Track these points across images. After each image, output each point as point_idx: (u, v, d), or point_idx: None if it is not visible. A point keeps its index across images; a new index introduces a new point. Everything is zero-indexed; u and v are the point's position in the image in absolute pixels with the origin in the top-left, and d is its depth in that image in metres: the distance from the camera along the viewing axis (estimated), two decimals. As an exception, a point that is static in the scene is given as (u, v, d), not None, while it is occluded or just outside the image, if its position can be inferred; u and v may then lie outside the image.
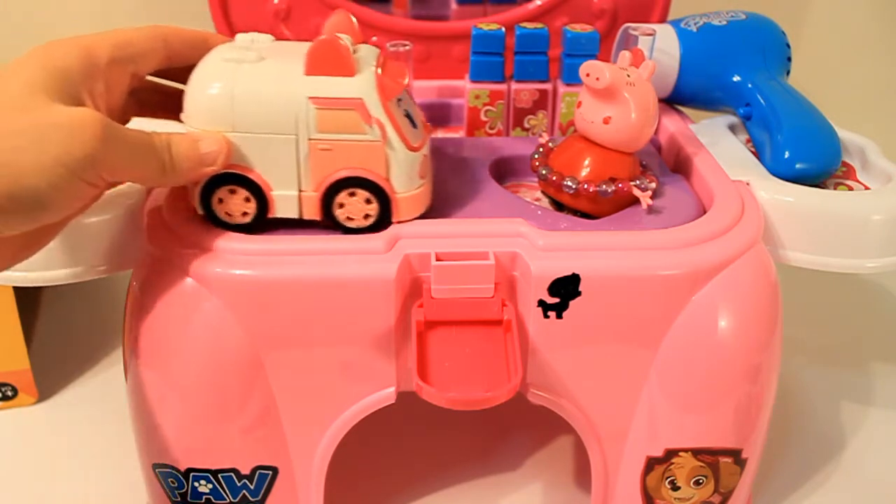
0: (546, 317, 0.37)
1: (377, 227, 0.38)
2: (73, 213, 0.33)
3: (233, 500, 0.40)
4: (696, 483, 0.41)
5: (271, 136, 0.36)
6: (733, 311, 0.38)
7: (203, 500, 0.40)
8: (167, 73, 0.39)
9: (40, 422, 0.53)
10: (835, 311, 0.65)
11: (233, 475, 0.39)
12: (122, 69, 0.36)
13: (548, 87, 0.50)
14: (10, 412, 0.53)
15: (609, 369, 0.38)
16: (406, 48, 0.43)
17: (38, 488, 0.48)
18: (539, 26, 0.49)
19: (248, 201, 0.37)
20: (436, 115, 0.53)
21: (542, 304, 0.37)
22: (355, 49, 0.38)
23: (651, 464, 0.40)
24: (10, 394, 0.53)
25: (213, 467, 0.39)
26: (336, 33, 0.37)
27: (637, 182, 0.40)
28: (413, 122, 0.38)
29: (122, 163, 0.32)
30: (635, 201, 0.41)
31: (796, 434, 0.52)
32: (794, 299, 0.44)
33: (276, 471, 0.40)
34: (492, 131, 0.50)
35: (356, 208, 0.37)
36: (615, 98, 0.39)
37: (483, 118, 0.50)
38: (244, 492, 0.40)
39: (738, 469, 0.41)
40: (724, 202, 0.40)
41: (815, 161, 0.44)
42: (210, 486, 0.39)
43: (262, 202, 0.37)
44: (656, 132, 0.49)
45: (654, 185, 0.41)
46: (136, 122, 0.39)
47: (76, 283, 0.40)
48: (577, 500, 0.47)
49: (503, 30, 0.49)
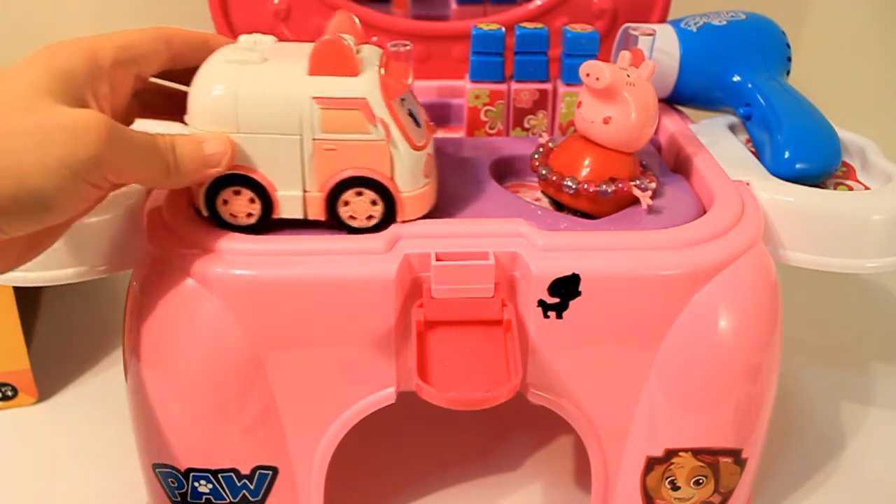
0: (546, 317, 0.37)
1: (382, 226, 0.38)
2: (77, 215, 0.33)
3: (233, 500, 0.40)
4: (696, 483, 0.41)
5: (275, 137, 0.36)
6: (733, 311, 0.38)
7: (203, 500, 0.40)
8: (170, 74, 0.39)
9: (40, 422, 0.53)
10: (835, 311, 0.65)
11: (233, 475, 0.39)
12: (126, 71, 0.36)
13: (548, 87, 0.50)
14: (10, 412, 0.53)
15: (609, 369, 0.38)
16: (406, 48, 0.43)
17: (38, 488, 0.48)
18: (539, 26, 0.49)
19: (253, 202, 0.37)
20: (436, 115, 0.53)
21: (542, 304, 0.37)
22: (358, 49, 0.38)
23: (651, 464, 0.40)
24: (10, 394, 0.53)
25: (213, 467, 0.39)
26: (339, 34, 0.37)
27: (637, 182, 0.40)
28: (417, 122, 0.38)
29: (127, 164, 0.32)
30: (635, 201, 0.41)
31: (796, 434, 0.52)
32: (794, 299, 0.44)
33: (276, 471, 0.40)
34: (492, 131, 0.50)
35: (361, 208, 0.37)
36: (615, 98, 0.39)
37: (483, 118, 0.50)
38: (244, 492, 0.40)
39: (738, 469, 0.41)
40: (724, 202, 0.40)
41: (815, 161, 0.44)
42: (210, 486, 0.39)
43: (267, 203, 0.37)
44: (656, 132, 0.49)
45: (654, 185, 0.41)
46: (140, 124, 0.39)
47: (76, 283, 0.40)
48: (577, 500, 0.47)
49: (503, 30, 0.49)
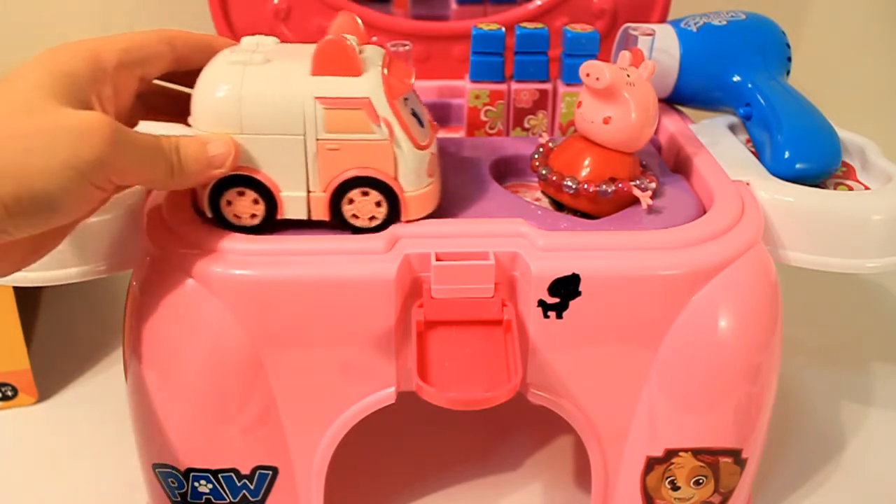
0: (546, 317, 0.37)
1: (385, 226, 0.38)
2: (81, 217, 0.33)
3: (233, 500, 0.40)
4: (696, 483, 0.41)
5: (279, 137, 0.36)
6: (733, 311, 0.38)
7: (203, 500, 0.40)
8: (173, 76, 0.39)
9: (40, 422, 0.53)
10: (835, 311, 0.65)
11: (233, 475, 0.39)
12: (130, 73, 0.36)
13: (548, 87, 0.50)
14: (10, 412, 0.53)
15: (609, 369, 0.38)
16: (406, 48, 0.43)
17: (38, 488, 0.48)
18: (539, 26, 0.49)
19: (257, 203, 0.37)
20: (436, 115, 0.52)
21: (542, 304, 0.37)
22: (361, 49, 0.38)
23: (651, 464, 0.40)
24: (10, 394, 0.53)
25: (214, 467, 0.39)
26: (342, 34, 0.37)
27: (637, 182, 0.40)
28: (420, 121, 0.38)
29: (131, 166, 0.32)
30: (635, 201, 0.41)
31: (796, 434, 0.52)
32: (794, 299, 0.44)
33: (276, 471, 0.40)
34: (492, 131, 0.50)
35: (365, 208, 0.37)
36: (615, 98, 0.39)
37: (483, 118, 0.50)
38: (244, 492, 0.40)
39: (738, 469, 0.41)
40: (724, 202, 0.40)
41: (815, 161, 0.44)
42: (210, 486, 0.39)
43: (271, 203, 0.37)
44: (656, 132, 0.49)
45: (654, 185, 0.41)
46: (144, 126, 0.39)
47: (76, 283, 0.40)
48: (577, 500, 0.47)
49: (503, 30, 0.49)
